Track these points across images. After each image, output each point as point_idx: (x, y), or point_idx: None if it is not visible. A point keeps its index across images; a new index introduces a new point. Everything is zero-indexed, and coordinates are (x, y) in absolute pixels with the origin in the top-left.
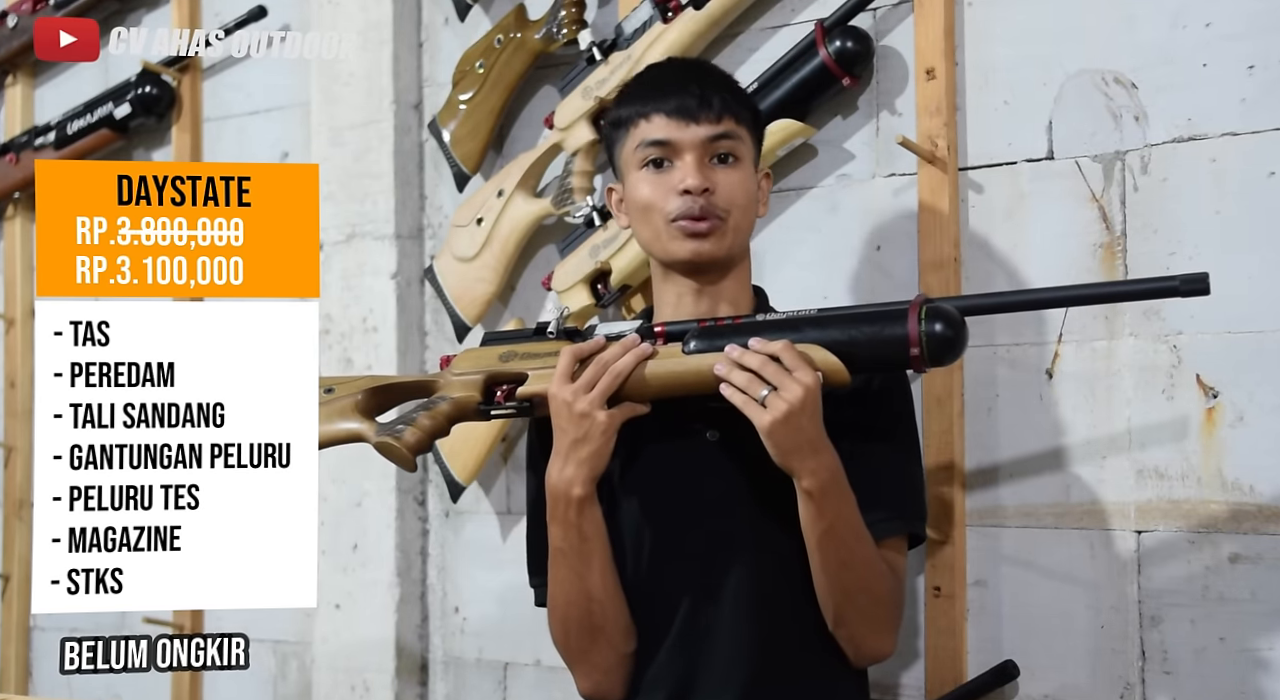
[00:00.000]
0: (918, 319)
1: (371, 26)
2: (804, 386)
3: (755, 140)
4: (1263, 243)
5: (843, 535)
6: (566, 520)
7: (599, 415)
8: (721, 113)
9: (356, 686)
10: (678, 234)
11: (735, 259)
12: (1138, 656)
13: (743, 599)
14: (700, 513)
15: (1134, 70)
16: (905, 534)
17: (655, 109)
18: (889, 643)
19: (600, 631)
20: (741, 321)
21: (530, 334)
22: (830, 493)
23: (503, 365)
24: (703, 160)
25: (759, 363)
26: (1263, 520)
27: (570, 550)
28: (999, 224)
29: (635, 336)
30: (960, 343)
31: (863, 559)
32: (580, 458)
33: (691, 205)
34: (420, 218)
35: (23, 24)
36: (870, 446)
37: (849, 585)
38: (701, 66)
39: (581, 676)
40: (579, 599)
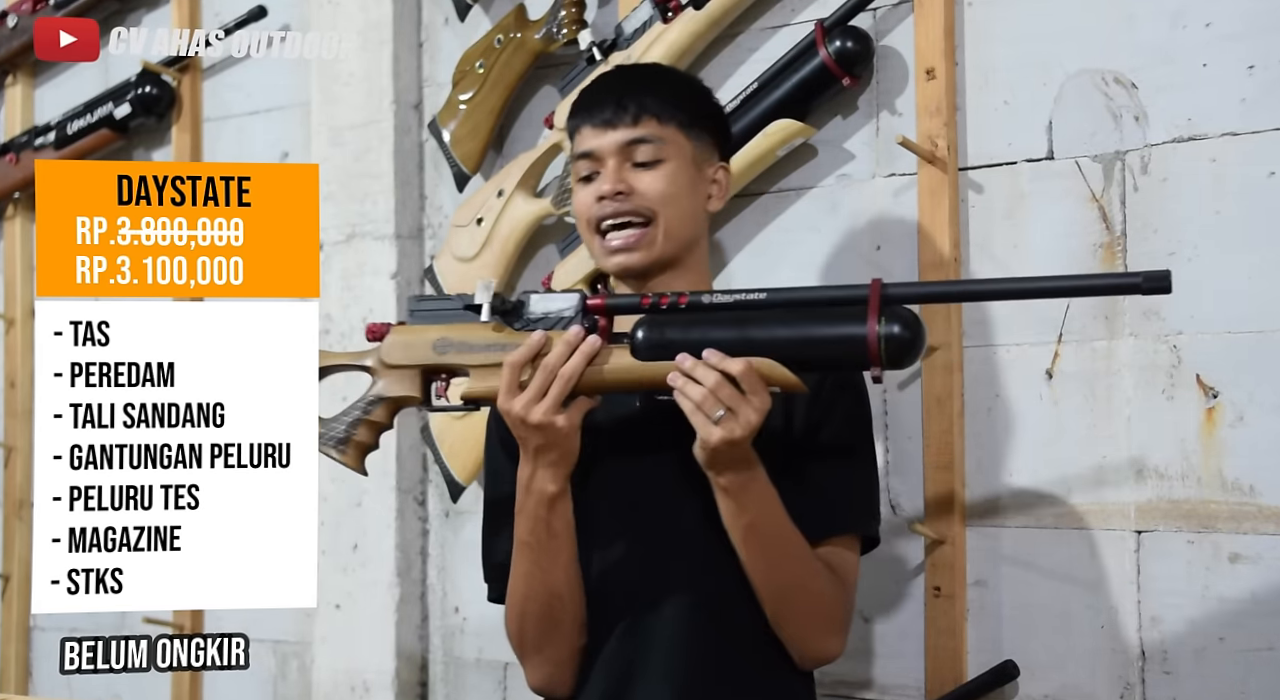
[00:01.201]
0: (877, 321)
1: (371, 26)
2: (758, 413)
3: (698, 137)
4: (1263, 243)
5: (766, 532)
6: (536, 515)
7: (558, 421)
8: (638, 116)
9: (356, 686)
10: (604, 249)
11: (675, 258)
12: (1138, 656)
13: (686, 594)
14: (643, 507)
15: (1134, 70)
16: (852, 534)
17: (583, 122)
18: (834, 644)
19: (558, 626)
20: (688, 302)
21: (459, 307)
22: (748, 489)
23: (439, 358)
24: (621, 164)
25: (715, 382)
26: (1263, 520)
27: (537, 545)
28: (999, 224)
29: (578, 331)
30: (919, 345)
31: (791, 557)
32: (549, 461)
33: (605, 208)
34: (420, 218)
35: (23, 24)
36: (819, 444)
37: (780, 583)
38: (633, 72)
39: (533, 670)
40: (540, 593)
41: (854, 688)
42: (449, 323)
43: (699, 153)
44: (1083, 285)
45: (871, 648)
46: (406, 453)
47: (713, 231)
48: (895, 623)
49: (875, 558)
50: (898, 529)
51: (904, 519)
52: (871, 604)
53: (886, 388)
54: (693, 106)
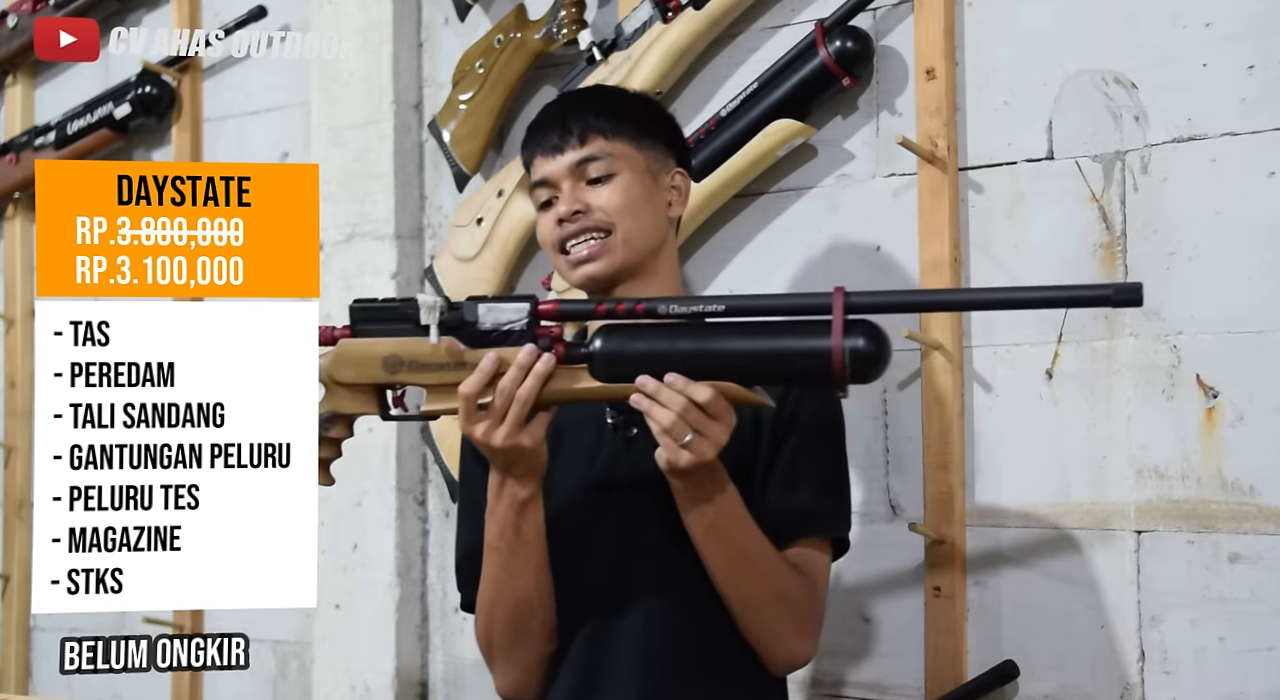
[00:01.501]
0: (841, 336)
1: (371, 26)
2: (726, 434)
3: (649, 146)
4: (1263, 243)
5: (726, 531)
6: (506, 519)
7: (523, 442)
8: (584, 136)
9: (356, 686)
10: (568, 264)
11: (639, 266)
12: (1138, 656)
13: (653, 601)
14: (608, 513)
15: (1134, 70)
16: (821, 536)
17: (535, 152)
18: (804, 647)
19: (526, 631)
20: (644, 308)
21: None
22: (706, 488)
23: (391, 377)
24: (576, 186)
25: (681, 407)
26: (1263, 520)
27: (506, 550)
28: (999, 224)
29: (531, 350)
30: (884, 360)
31: (752, 556)
32: (518, 475)
33: (566, 231)
34: (420, 218)
35: (23, 24)
36: (788, 446)
37: (743, 584)
38: (575, 95)
39: (500, 675)
40: (509, 598)
41: (854, 688)
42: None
43: (652, 162)
44: (1052, 296)
45: (871, 648)
46: (406, 453)
47: (712, 231)
48: (895, 623)
49: (875, 558)
50: (898, 529)
51: (904, 519)
52: (871, 604)
53: (886, 388)
54: (639, 118)
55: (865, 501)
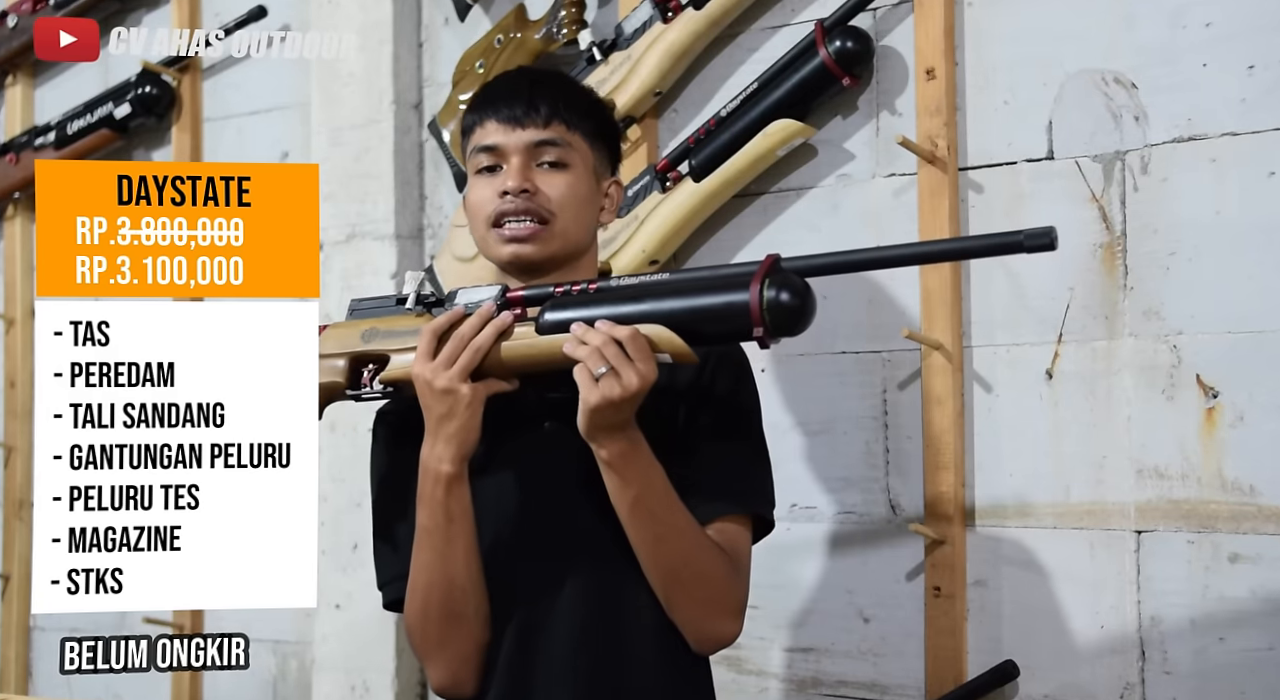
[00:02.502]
0: (759, 288)
1: (371, 26)
2: (640, 378)
3: (599, 149)
4: (1263, 243)
5: (651, 506)
6: (434, 498)
7: (462, 389)
8: (549, 119)
9: (356, 686)
10: (498, 238)
11: (566, 260)
12: (1138, 656)
13: (581, 590)
14: (539, 503)
15: (1134, 70)
16: (741, 514)
17: (488, 116)
18: (728, 626)
19: (461, 618)
20: (596, 288)
21: (391, 304)
22: (631, 461)
23: (365, 346)
24: (527, 164)
25: (601, 341)
26: (1263, 520)
27: (436, 530)
28: (999, 224)
29: (491, 306)
30: (806, 312)
31: (677, 531)
32: (448, 434)
33: (507, 205)
34: (420, 218)
35: (23, 24)
36: (704, 423)
37: (668, 560)
38: (542, 75)
39: (437, 668)
40: (441, 582)
41: (854, 688)
42: (380, 316)
43: (598, 165)
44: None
45: (871, 648)
46: None
47: (712, 231)
48: (895, 623)
49: (875, 558)
50: (898, 529)
51: (904, 519)
52: (871, 604)
53: (886, 388)
54: (599, 118)
55: (865, 501)
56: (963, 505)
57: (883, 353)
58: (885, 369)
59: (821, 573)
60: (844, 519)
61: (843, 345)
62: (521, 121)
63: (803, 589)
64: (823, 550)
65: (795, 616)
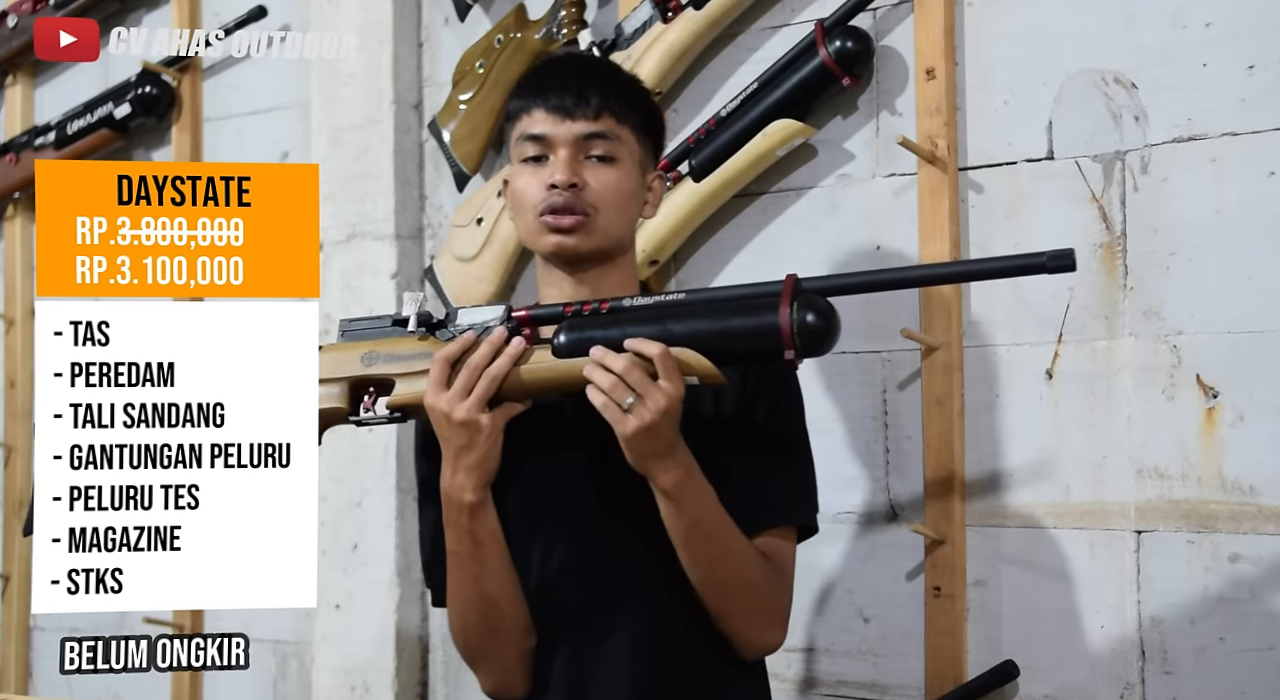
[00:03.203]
0: (789, 310)
1: (371, 26)
2: (668, 397)
3: (645, 143)
4: (1263, 243)
5: (708, 530)
6: (460, 525)
7: (482, 420)
8: (600, 111)
9: (356, 686)
10: (543, 228)
11: (610, 255)
12: (1138, 656)
13: (630, 596)
14: (585, 513)
15: (1134, 70)
16: (789, 525)
17: (536, 104)
18: (776, 634)
19: (499, 631)
20: (609, 307)
21: (387, 325)
22: (687, 490)
23: (366, 369)
24: (575, 156)
25: (623, 367)
26: (1263, 520)
27: (465, 554)
28: (999, 224)
29: (503, 332)
30: (833, 333)
31: (732, 552)
32: (469, 464)
33: (555, 199)
34: (420, 218)
35: (23, 24)
36: (748, 435)
37: (722, 579)
38: (593, 64)
39: (484, 675)
40: (476, 601)
41: (854, 688)
42: (377, 338)
43: (644, 158)
44: (985, 268)
45: (871, 648)
46: (406, 453)
47: (712, 231)
48: (895, 623)
49: (875, 558)
50: (898, 529)
51: (904, 519)
52: (871, 604)
53: (886, 388)
54: (646, 111)
55: (865, 501)
56: (963, 505)
57: (882, 353)
58: (885, 369)
59: (821, 572)
60: (844, 519)
61: (842, 345)
62: (572, 112)
63: (803, 589)
64: (823, 550)
65: (795, 616)
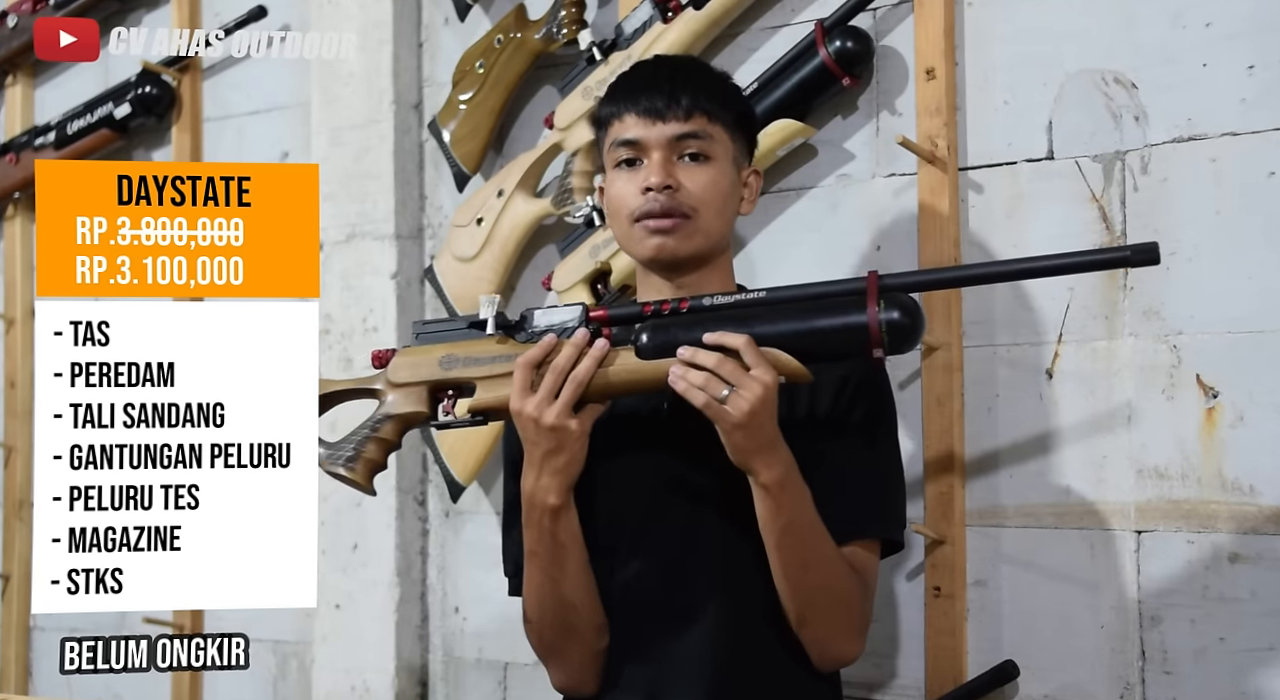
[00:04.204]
0: (877, 308)
1: (371, 26)
2: (764, 385)
3: (739, 139)
4: (1263, 243)
5: (802, 533)
6: (541, 526)
7: (570, 425)
8: (690, 111)
9: (356, 686)
10: (642, 232)
11: (709, 256)
12: (1138, 656)
13: (710, 599)
14: (666, 512)
15: (1134, 70)
16: (875, 538)
17: (627, 108)
18: (855, 646)
19: (573, 631)
20: (689, 306)
21: (464, 327)
22: (788, 488)
23: (446, 373)
24: (669, 158)
25: (715, 361)
26: (1263, 520)
27: (544, 554)
28: (999, 224)
29: (584, 334)
30: (919, 330)
31: (823, 558)
32: (556, 468)
33: (653, 203)
34: (420, 218)
35: (23, 24)
36: (844, 446)
37: (810, 585)
38: (681, 64)
39: (555, 671)
40: (552, 602)
41: (854, 688)
42: (454, 341)
43: (739, 155)
44: (1074, 262)
45: (872, 648)
46: (406, 453)
47: None
48: (895, 623)
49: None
50: None
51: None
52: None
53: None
54: (738, 108)
55: None
56: (963, 505)
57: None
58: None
59: None
60: None
61: None
62: (663, 114)
63: None
64: None
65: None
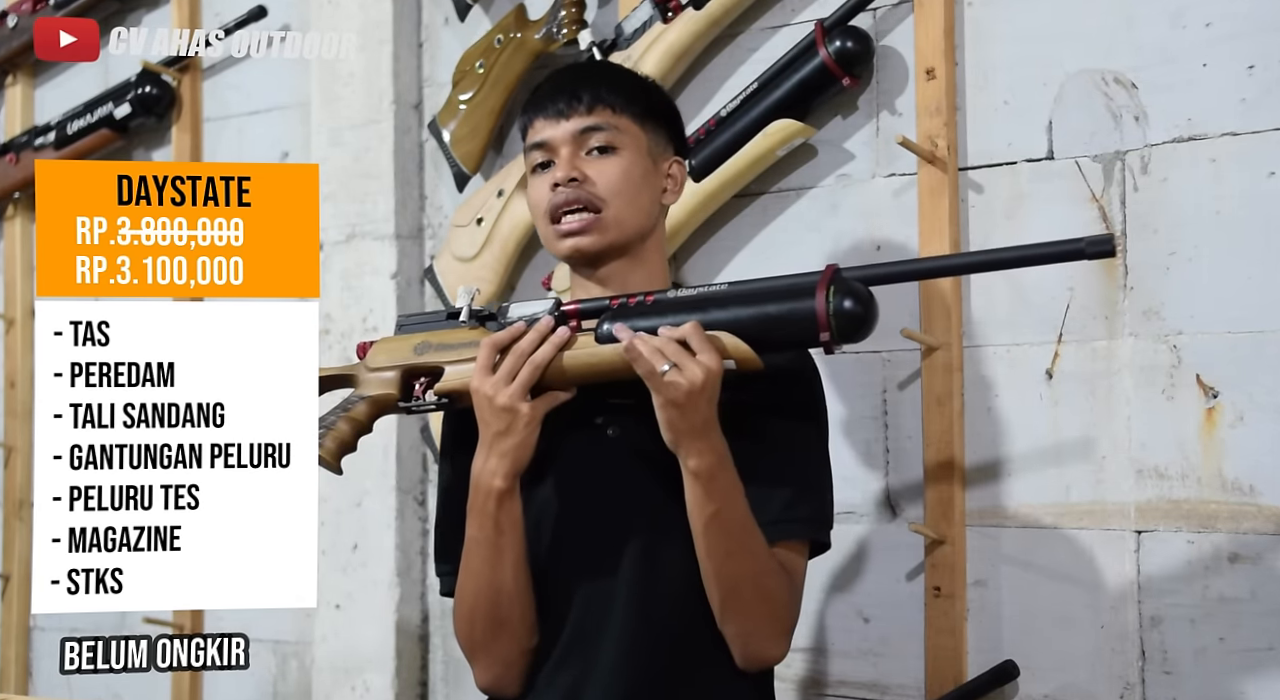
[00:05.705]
0: (825, 296)
1: (371, 26)
2: (705, 369)
3: (652, 129)
4: (1263, 243)
5: (729, 522)
6: (485, 511)
7: (522, 407)
8: (593, 105)
9: (356, 686)
10: (557, 233)
11: (626, 247)
12: (1138, 656)
13: (636, 599)
14: (598, 510)
15: (1134, 70)
16: (805, 538)
17: (536, 113)
18: (778, 647)
19: (505, 624)
20: (654, 300)
21: (443, 318)
22: (717, 476)
23: (418, 358)
24: (575, 153)
25: (662, 341)
26: (1263, 520)
27: (485, 541)
28: (999, 224)
29: (549, 320)
30: (870, 319)
31: (749, 550)
32: (504, 450)
33: (560, 196)
34: (420, 218)
35: (23, 24)
36: (773, 447)
37: (734, 575)
38: (586, 66)
39: (481, 669)
40: (488, 591)
41: (854, 688)
42: (431, 330)
43: (654, 145)
44: (1029, 255)
45: (871, 648)
46: (406, 453)
47: (712, 231)
48: (895, 623)
49: (875, 558)
50: (898, 529)
51: (904, 519)
52: (871, 604)
53: (886, 388)
54: (646, 99)
55: (865, 501)
56: (963, 505)
57: (882, 353)
58: (885, 369)
59: (821, 572)
60: (844, 519)
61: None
62: (565, 113)
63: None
64: None
65: None
